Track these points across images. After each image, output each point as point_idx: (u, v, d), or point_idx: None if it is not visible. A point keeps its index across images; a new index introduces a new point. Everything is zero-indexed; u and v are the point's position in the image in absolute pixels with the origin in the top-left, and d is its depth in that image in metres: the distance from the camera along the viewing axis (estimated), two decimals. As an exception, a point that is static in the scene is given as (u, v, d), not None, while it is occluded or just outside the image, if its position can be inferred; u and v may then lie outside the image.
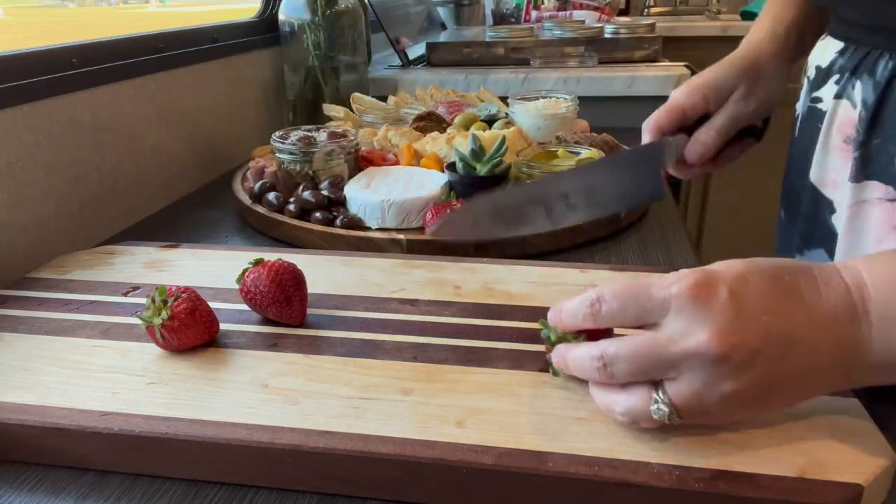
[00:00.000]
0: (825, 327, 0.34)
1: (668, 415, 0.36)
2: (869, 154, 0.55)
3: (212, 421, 0.40)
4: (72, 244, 0.73)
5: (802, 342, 0.34)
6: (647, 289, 0.36)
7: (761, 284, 0.35)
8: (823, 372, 0.35)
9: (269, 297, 0.50)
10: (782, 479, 0.35)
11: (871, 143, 0.55)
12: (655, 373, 0.36)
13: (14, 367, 0.47)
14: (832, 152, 0.59)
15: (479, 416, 0.40)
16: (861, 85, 0.56)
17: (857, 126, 0.56)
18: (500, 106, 1.06)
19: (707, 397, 0.35)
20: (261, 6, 1.20)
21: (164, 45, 0.90)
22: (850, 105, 0.57)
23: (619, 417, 0.38)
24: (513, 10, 2.22)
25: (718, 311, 0.34)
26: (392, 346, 0.48)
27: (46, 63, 0.71)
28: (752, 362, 0.34)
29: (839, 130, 0.58)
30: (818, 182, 0.62)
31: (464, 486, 0.37)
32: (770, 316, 0.34)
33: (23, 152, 0.68)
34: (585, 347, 0.38)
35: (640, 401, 0.36)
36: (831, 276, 0.35)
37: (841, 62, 0.59)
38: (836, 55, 0.60)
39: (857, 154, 0.55)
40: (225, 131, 1.05)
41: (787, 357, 0.34)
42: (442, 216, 0.45)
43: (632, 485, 0.35)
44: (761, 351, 0.34)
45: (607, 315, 0.37)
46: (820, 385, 0.36)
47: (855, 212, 0.56)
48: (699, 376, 0.34)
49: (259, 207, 0.77)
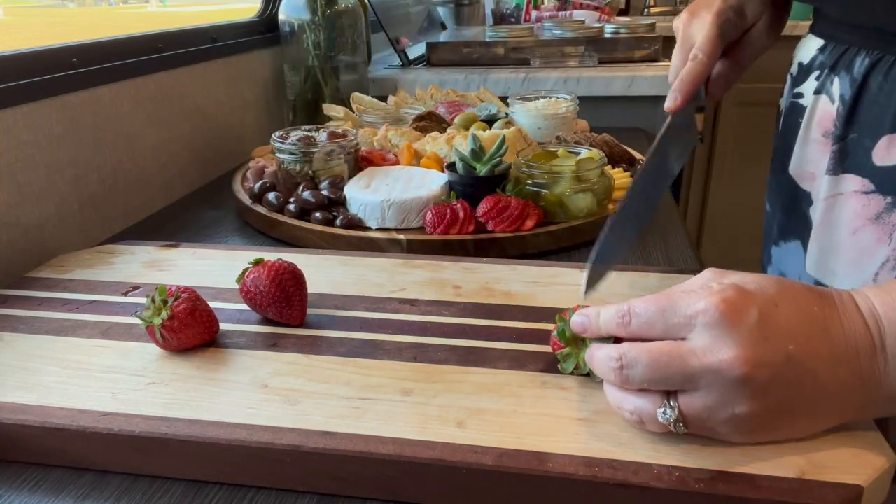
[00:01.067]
0: (846, 362, 0.34)
1: (673, 422, 0.36)
2: (846, 148, 0.56)
3: (212, 421, 0.40)
4: (72, 244, 0.73)
5: (822, 375, 0.34)
6: (674, 304, 0.36)
7: (792, 312, 0.35)
8: (838, 405, 0.35)
9: (269, 297, 0.50)
10: (782, 479, 0.35)
11: (847, 137, 0.55)
12: (672, 383, 0.35)
13: (14, 367, 0.47)
14: (811, 146, 0.60)
15: (479, 417, 0.40)
16: (839, 81, 0.56)
17: (836, 121, 0.56)
18: (500, 106, 1.06)
19: (718, 415, 0.35)
20: (261, 6, 1.20)
21: (164, 45, 0.90)
22: (829, 100, 0.58)
23: (626, 415, 0.38)
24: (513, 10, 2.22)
25: (747, 332, 0.34)
26: (392, 346, 0.48)
27: (46, 63, 0.71)
28: (769, 388, 0.34)
29: (818, 125, 0.59)
30: (797, 175, 0.63)
31: (464, 487, 0.37)
32: (796, 346, 0.34)
33: (23, 152, 0.68)
34: (607, 349, 0.38)
35: (651, 403, 0.36)
36: (851, 308, 0.36)
37: (821, 59, 0.60)
38: (817, 52, 0.61)
39: (835, 147, 0.56)
40: (225, 131, 1.05)
41: (805, 387, 0.34)
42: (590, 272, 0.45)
43: (632, 485, 0.35)
44: (781, 378, 0.34)
45: (636, 328, 0.37)
46: (831, 417, 0.36)
47: (831, 203, 0.57)
48: (715, 393, 0.34)
49: (259, 207, 0.77)
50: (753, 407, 0.34)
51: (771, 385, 0.34)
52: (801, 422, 0.36)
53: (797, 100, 0.63)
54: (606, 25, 1.58)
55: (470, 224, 0.69)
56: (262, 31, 1.17)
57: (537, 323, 0.51)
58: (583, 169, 0.71)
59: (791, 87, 0.66)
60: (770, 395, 0.34)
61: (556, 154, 0.75)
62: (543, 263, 0.61)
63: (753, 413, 0.34)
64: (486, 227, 0.69)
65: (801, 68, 0.64)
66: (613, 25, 1.57)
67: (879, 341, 0.34)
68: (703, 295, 0.35)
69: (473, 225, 0.69)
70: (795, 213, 0.63)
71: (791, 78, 0.66)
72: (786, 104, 0.67)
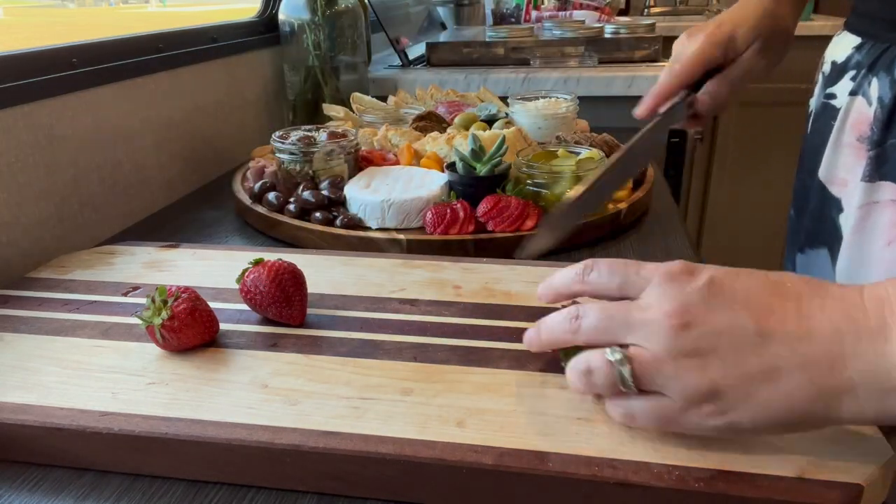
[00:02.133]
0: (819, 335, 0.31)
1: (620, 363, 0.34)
2: (884, 154, 0.54)
3: (212, 421, 0.40)
4: (72, 244, 0.73)
5: (784, 342, 0.31)
6: (638, 266, 0.36)
7: (755, 283, 0.33)
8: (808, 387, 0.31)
9: (269, 297, 0.50)
10: (782, 479, 0.35)
11: (886, 143, 0.54)
12: (616, 333, 0.35)
13: (14, 367, 0.47)
14: (844, 150, 0.58)
15: (479, 416, 0.40)
16: (878, 82, 0.54)
17: (872, 124, 0.55)
18: (500, 106, 1.06)
19: (664, 369, 0.33)
20: (261, 6, 1.20)
21: (164, 45, 0.90)
22: (866, 102, 0.56)
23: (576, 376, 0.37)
24: (513, 10, 2.22)
25: (690, 291, 0.33)
26: (392, 346, 0.48)
27: (46, 63, 0.71)
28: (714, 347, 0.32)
29: (853, 128, 0.57)
30: (826, 180, 0.61)
31: (464, 486, 0.37)
32: (749, 311, 0.32)
33: (23, 152, 0.68)
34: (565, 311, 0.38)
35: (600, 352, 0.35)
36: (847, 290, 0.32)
37: (857, 58, 0.58)
38: (853, 51, 0.59)
39: (873, 153, 0.54)
40: (225, 131, 1.05)
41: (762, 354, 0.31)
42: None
43: (632, 485, 0.35)
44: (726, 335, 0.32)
45: (594, 279, 0.37)
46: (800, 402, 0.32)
47: (865, 212, 0.55)
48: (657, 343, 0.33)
49: (259, 207, 0.77)
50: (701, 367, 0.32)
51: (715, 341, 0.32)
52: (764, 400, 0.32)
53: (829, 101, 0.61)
54: (606, 25, 1.58)
55: (470, 224, 0.69)
56: (262, 31, 1.17)
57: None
58: (583, 169, 0.71)
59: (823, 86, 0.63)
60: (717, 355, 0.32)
61: (556, 154, 0.75)
62: (543, 263, 0.61)
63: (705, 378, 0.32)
64: (486, 227, 0.69)
65: (834, 67, 0.61)
66: (613, 25, 1.57)
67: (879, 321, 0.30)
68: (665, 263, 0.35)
69: (473, 225, 0.69)
70: (823, 220, 0.61)
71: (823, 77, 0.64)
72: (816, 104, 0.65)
